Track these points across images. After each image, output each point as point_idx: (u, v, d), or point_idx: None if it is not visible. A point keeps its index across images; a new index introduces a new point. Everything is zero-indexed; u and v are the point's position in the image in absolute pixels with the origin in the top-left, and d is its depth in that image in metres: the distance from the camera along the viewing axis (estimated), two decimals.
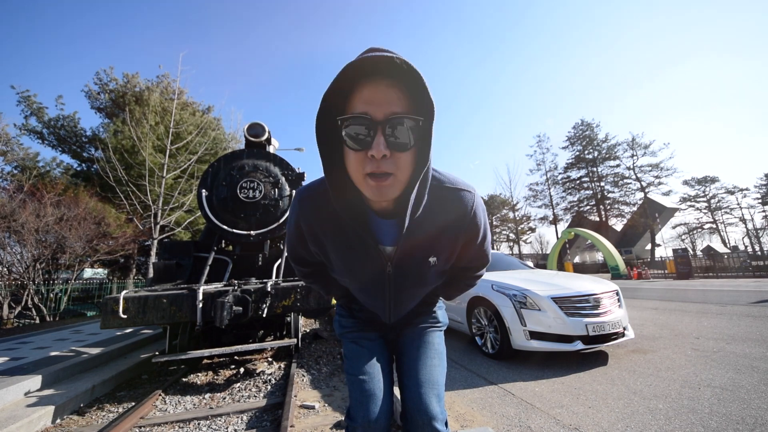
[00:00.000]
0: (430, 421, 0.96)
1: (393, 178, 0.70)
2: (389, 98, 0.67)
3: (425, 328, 1.14)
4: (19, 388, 2.86)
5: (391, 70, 0.67)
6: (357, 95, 0.69)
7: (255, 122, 4.95)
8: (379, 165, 0.68)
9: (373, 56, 0.64)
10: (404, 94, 0.69)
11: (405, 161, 0.71)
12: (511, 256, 5.78)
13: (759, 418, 2.08)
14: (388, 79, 0.68)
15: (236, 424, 2.49)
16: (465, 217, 0.88)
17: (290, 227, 0.99)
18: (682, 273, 15.53)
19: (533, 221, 39.59)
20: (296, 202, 0.92)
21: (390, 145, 0.68)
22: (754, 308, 5.84)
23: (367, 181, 0.71)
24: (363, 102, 0.68)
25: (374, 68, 0.67)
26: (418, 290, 1.03)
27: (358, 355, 1.09)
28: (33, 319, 8.49)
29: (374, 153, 0.67)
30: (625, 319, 3.53)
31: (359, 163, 0.70)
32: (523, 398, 2.59)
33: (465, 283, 1.15)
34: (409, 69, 0.65)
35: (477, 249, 0.98)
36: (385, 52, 0.68)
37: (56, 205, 9.48)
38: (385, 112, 0.67)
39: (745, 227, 39.45)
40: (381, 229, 0.89)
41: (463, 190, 0.87)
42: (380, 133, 0.67)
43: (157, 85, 15.87)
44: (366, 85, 0.68)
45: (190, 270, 4.13)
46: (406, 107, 0.69)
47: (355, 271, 0.97)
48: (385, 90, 0.67)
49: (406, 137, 0.69)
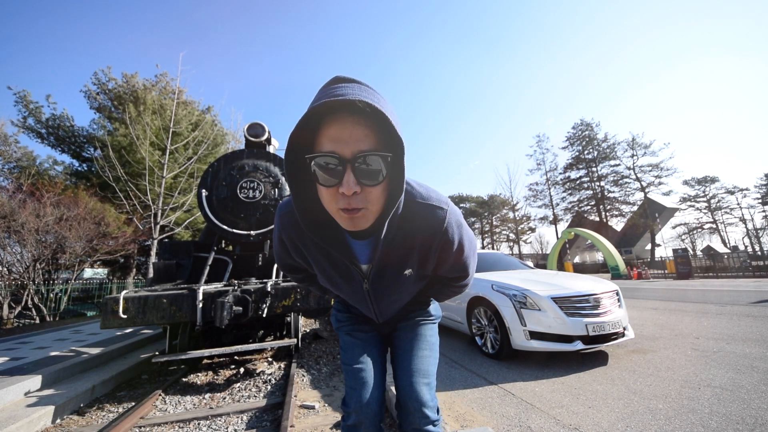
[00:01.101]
0: (420, 407, 1.03)
1: (365, 211, 0.71)
2: (356, 136, 0.67)
3: (418, 322, 1.20)
4: (19, 388, 2.86)
5: (357, 108, 0.66)
6: (324, 132, 0.68)
7: (255, 122, 4.95)
8: (349, 201, 0.69)
9: (336, 100, 0.62)
10: (371, 130, 0.68)
11: (376, 195, 0.71)
12: (511, 256, 5.78)
13: (759, 418, 2.08)
14: (354, 116, 0.67)
15: (236, 424, 2.49)
16: (436, 233, 0.88)
17: (275, 240, 1.02)
18: (682, 273, 15.52)
19: (533, 221, 39.64)
20: (278, 218, 0.94)
21: (360, 181, 0.68)
22: (754, 308, 5.84)
23: (340, 214, 0.72)
24: (330, 140, 0.67)
25: (340, 105, 0.65)
26: (398, 297, 1.07)
27: (352, 347, 1.16)
28: (33, 319, 8.48)
29: (344, 191, 0.67)
30: (625, 319, 3.52)
31: (331, 198, 0.71)
32: (523, 398, 2.59)
33: (450, 290, 1.17)
34: (373, 111, 0.65)
35: (454, 262, 0.98)
36: (350, 84, 0.67)
37: (56, 204, 9.48)
38: (352, 150, 0.66)
39: (745, 227, 39.48)
40: (356, 249, 0.91)
41: (434, 207, 0.87)
42: (349, 170, 0.67)
43: (156, 84, 15.85)
44: (332, 123, 0.67)
45: (190, 270, 4.12)
46: (374, 143, 0.68)
47: (336, 283, 1.02)
48: (351, 128, 0.66)
49: (375, 172, 0.69)
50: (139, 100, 14.06)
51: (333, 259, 0.93)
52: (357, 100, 0.63)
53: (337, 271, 0.96)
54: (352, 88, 0.66)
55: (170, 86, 15.67)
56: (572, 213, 38.34)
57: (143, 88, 15.00)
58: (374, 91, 0.69)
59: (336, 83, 0.69)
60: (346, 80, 0.70)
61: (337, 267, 0.95)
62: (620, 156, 34.94)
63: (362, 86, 0.69)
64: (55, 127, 15.51)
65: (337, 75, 0.71)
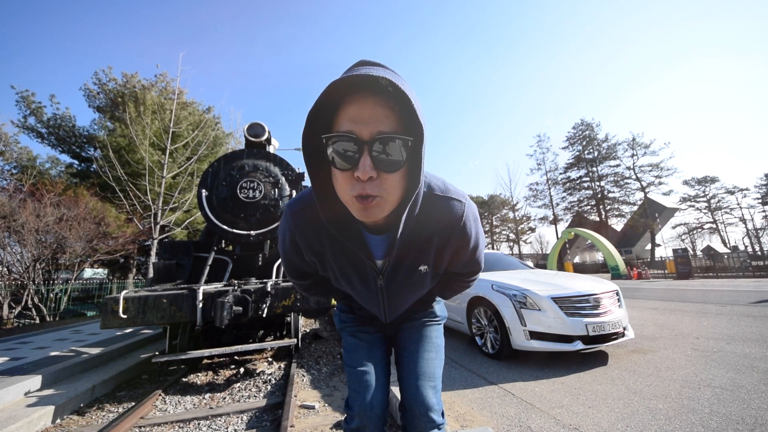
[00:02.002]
0: (426, 411, 1.01)
1: (380, 200, 0.67)
2: (376, 116, 0.63)
3: (423, 323, 1.17)
4: (19, 388, 2.86)
5: (378, 87, 0.63)
6: (343, 112, 0.65)
7: (255, 122, 4.95)
8: (364, 187, 0.65)
9: (359, 75, 0.60)
10: (392, 112, 0.64)
11: (393, 183, 0.67)
12: (511, 256, 5.78)
13: (759, 418, 2.08)
14: (375, 96, 0.63)
15: (236, 424, 2.49)
16: (455, 227, 0.86)
17: (284, 243, 0.96)
18: (682, 273, 15.52)
19: (533, 221, 39.64)
20: (289, 217, 0.89)
21: (377, 166, 0.64)
22: (754, 308, 5.84)
23: (353, 202, 0.68)
24: (349, 120, 0.64)
25: (361, 84, 0.63)
26: (411, 295, 1.04)
27: (356, 348, 1.14)
28: (33, 319, 8.48)
29: (359, 174, 0.63)
30: (625, 319, 3.52)
31: (346, 183, 0.67)
32: (523, 398, 2.59)
33: (459, 285, 1.15)
34: (396, 90, 0.61)
35: (468, 257, 0.97)
36: (374, 67, 0.65)
37: (56, 205, 9.48)
38: (371, 131, 0.63)
39: (745, 227, 39.47)
40: (372, 244, 0.88)
41: (453, 199, 0.84)
42: (366, 153, 0.63)
43: (155, 83, 15.85)
44: (352, 102, 0.64)
45: (190, 270, 4.13)
46: (395, 126, 0.65)
47: (350, 280, 0.98)
48: (372, 107, 0.63)
49: (394, 157, 0.65)
50: (139, 100, 14.06)
51: (348, 254, 0.90)
52: (380, 77, 0.60)
53: (352, 267, 0.93)
54: (376, 69, 0.63)
55: (170, 86, 15.67)
56: (572, 213, 38.34)
57: (143, 87, 15.00)
58: (398, 75, 0.66)
59: (360, 66, 0.66)
60: (371, 63, 0.67)
61: (352, 263, 0.92)
62: (620, 156, 34.98)
63: (387, 69, 0.66)
64: (56, 126, 15.52)
65: (362, 59, 0.69)
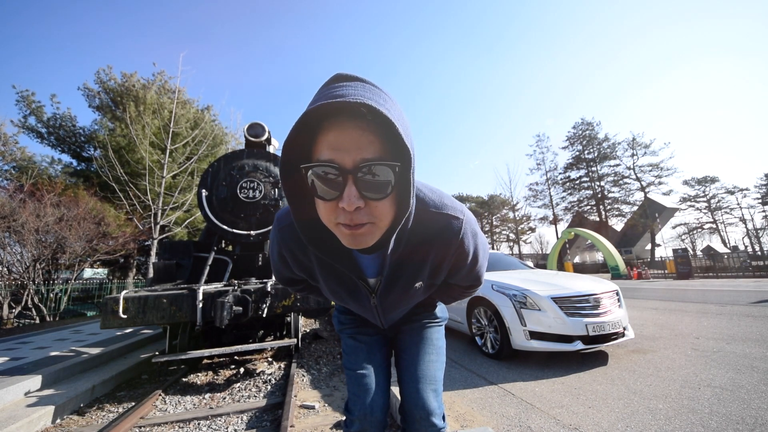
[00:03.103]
0: (427, 415, 0.99)
1: (371, 226, 0.63)
2: (358, 143, 0.57)
3: (424, 324, 1.15)
4: (19, 388, 2.86)
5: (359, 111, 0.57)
6: (322, 138, 0.59)
7: (255, 122, 4.96)
8: (352, 217, 0.60)
9: (335, 102, 0.54)
10: (376, 136, 0.59)
11: (383, 209, 0.62)
12: (511, 256, 5.77)
13: (759, 418, 2.08)
14: (357, 120, 0.58)
15: (236, 424, 2.49)
16: (452, 244, 0.81)
17: (273, 254, 0.94)
18: (682, 273, 15.52)
19: (533, 221, 39.65)
20: (276, 231, 0.86)
21: (363, 194, 0.59)
22: (754, 308, 5.84)
23: (340, 229, 0.63)
24: (329, 147, 0.58)
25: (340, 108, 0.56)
26: (406, 307, 1.03)
27: (355, 350, 1.11)
28: (33, 319, 8.49)
29: (345, 206, 0.58)
30: (625, 319, 3.52)
31: (331, 213, 0.62)
32: (523, 398, 2.59)
33: (460, 294, 1.12)
34: (377, 115, 0.55)
35: (467, 272, 0.94)
36: (352, 83, 0.59)
37: (56, 205, 9.48)
38: (354, 159, 0.57)
39: (745, 227, 39.46)
40: (363, 263, 0.86)
41: (449, 216, 0.79)
42: (351, 182, 0.58)
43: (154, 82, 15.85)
44: (331, 128, 0.58)
45: (190, 270, 4.12)
46: (380, 151, 0.59)
47: (342, 297, 0.96)
48: (353, 133, 0.57)
49: (382, 184, 0.59)
50: (139, 99, 14.06)
51: (338, 274, 0.87)
52: (358, 102, 0.53)
53: (342, 286, 0.91)
54: (354, 87, 0.58)
55: (168, 85, 15.67)
56: (572, 213, 38.35)
57: (142, 86, 14.99)
58: (380, 90, 0.60)
59: (336, 82, 0.61)
60: (348, 78, 0.61)
61: (343, 282, 0.90)
62: (620, 156, 34.99)
63: (366, 85, 0.60)
64: (56, 126, 15.52)
65: (338, 72, 0.62)
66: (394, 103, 0.61)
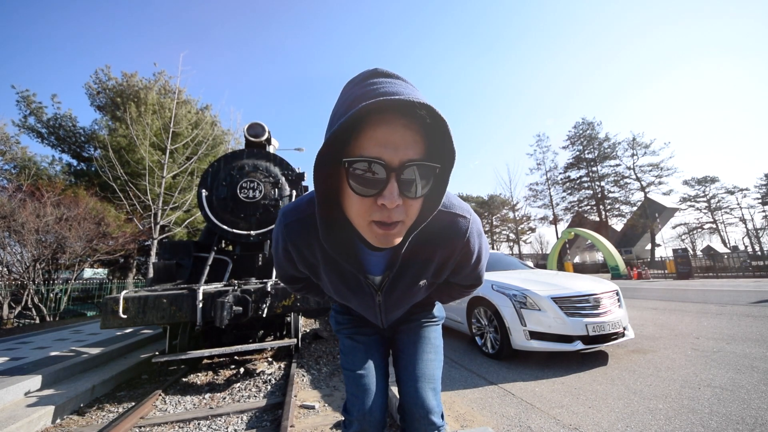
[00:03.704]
0: (426, 414, 1.00)
1: (401, 225, 0.64)
2: (406, 141, 0.58)
3: (422, 324, 1.15)
4: (19, 388, 2.86)
5: (407, 109, 0.57)
6: (368, 134, 0.59)
7: (255, 122, 4.95)
8: (390, 215, 0.61)
9: (394, 99, 0.54)
10: (421, 136, 0.60)
11: (415, 208, 0.65)
12: (511, 256, 5.78)
13: (759, 418, 2.08)
14: (405, 118, 0.58)
15: (236, 424, 2.49)
16: (458, 244, 0.83)
17: (277, 250, 0.93)
18: (682, 273, 15.52)
19: (533, 221, 39.63)
20: (282, 227, 0.86)
21: (402, 193, 0.60)
22: (754, 308, 5.84)
23: (372, 228, 0.64)
24: (375, 144, 0.58)
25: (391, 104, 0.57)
26: (408, 305, 1.04)
27: (353, 350, 1.11)
28: (33, 319, 8.48)
29: (386, 203, 0.59)
30: (625, 319, 3.52)
31: (365, 210, 0.62)
32: (523, 398, 2.59)
33: (459, 293, 1.13)
34: (432, 114, 0.56)
35: (470, 271, 0.96)
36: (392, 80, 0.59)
37: (56, 205, 9.48)
38: (400, 158, 0.58)
39: (745, 227, 39.46)
40: (369, 261, 0.86)
41: (458, 215, 0.81)
42: (394, 180, 0.59)
43: (155, 82, 15.85)
44: (379, 124, 0.58)
45: (190, 270, 4.12)
46: (422, 151, 0.60)
47: (345, 295, 0.96)
48: (402, 132, 0.58)
49: (420, 185, 0.61)
50: (140, 100, 14.06)
51: (343, 272, 0.88)
52: (417, 102, 0.54)
53: (346, 284, 0.91)
54: (400, 85, 0.58)
55: (169, 85, 15.67)
56: (572, 213, 38.34)
57: (143, 87, 15.00)
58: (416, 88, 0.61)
59: (376, 77, 0.60)
60: (388, 75, 0.61)
61: (347, 280, 0.90)
62: (620, 156, 34.98)
63: (407, 84, 0.60)
64: (56, 126, 15.51)
65: (376, 68, 0.63)
66: None
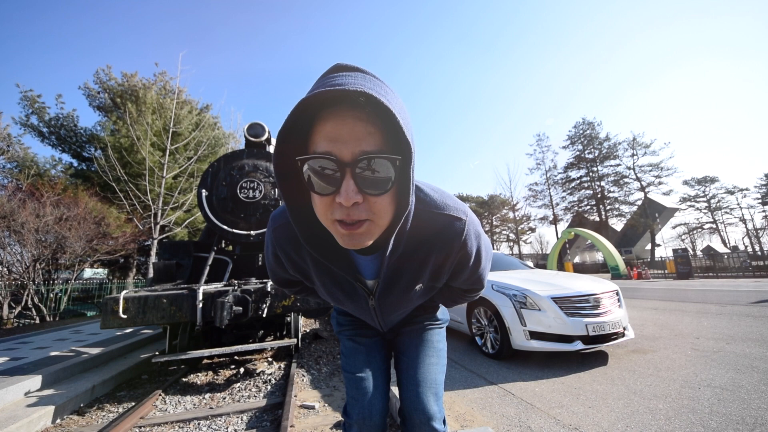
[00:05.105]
0: (428, 420, 0.97)
1: (369, 224, 0.60)
2: (357, 134, 0.54)
3: (425, 326, 1.12)
4: (19, 388, 2.86)
5: (359, 101, 0.54)
6: (318, 129, 0.56)
7: (255, 122, 4.95)
8: (349, 213, 0.57)
9: (333, 90, 0.51)
10: (376, 127, 0.56)
11: (382, 205, 0.59)
12: (511, 256, 5.78)
13: (759, 418, 2.08)
14: (355, 111, 0.55)
15: (236, 424, 2.49)
16: (454, 246, 0.78)
17: (268, 255, 0.91)
18: (682, 273, 15.53)
19: (533, 221, 39.64)
20: (270, 231, 0.83)
21: (362, 189, 0.56)
22: (754, 308, 5.84)
23: (336, 227, 0.60)
24: (326, 138, 0.55)
25: (338, 97, 0.54)
26: (405, 310, 1.01)
27: (354, 352, 1.09)
28: (33, 319, 8.48)
29: (342, 201, 0.55)
30: (625, 319, 3.52)
31: (326, 209, 0.59)
32: (523, 398, 2.59)
33: (461, 298, 1.09)
34: (377, 105, 0.53)
35: (469, 275, 0.90)
36: (352, 73, 0.56)
37: (56, 204, 9.48)
38: (353, 152, 0.54)
39: (745, 227, 39.49)
40: (360, 264, 0.83)
41: (452, 216, 0.76)
42: (349, 176, 0.55)
43: (154, 83, 15.85)
44: (328, 118, 0.55)
45: (190, 270, 4.13)
46: (380, 143, 0.56)
47: (339, 299, 0.94)
48: (353, 124, 0.54)
49: (382, 180, 0.56)
50: (140, 99, 14.06)
51: (334, 276, 0.85)
52: (356, 90, 0.50)
53: (339, 288, 0.88)
54: (354, 77, 0.54)
55: (169, 85, 15.68)
56: (572, 213, 38.35)
57: (143, 87, 15.00)
58: (380, 82, 0.57)
59: (335, 72, 0.58)
60: (348, 68, 0.58)
61: (340, 284, 0.87)
62: (621, 155, 34.98)
63: (366, 75, 0.57)
64: (57, 126, 15.50)
65: (338, 62, 0.60)
66: (395, 95, 0.58)
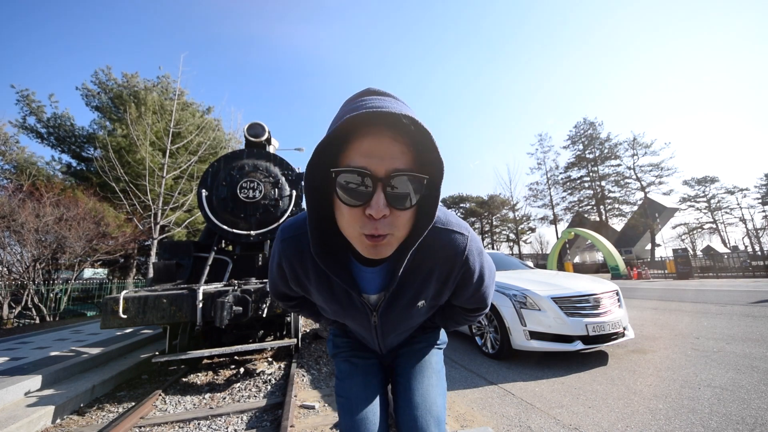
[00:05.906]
0: None
1: (390, 237, 0.64)
2: (392, 152, 0.60)
3: (423, 348, 1.10)
4: (19, 388, 2.86)
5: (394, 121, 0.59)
6: (355, 145, 0.61)
7: (255, 122, 4.95)
8: (377, 226, 0.61)
9: (379, 111, 0.56)
10: (408, 148, 0.62)
11: (404, 220, 0.64)
12: (511, 256, 5.78)
13: (759, 418, 2.08)
14: (391, 131, 0.60)
15: (236, 424, 2.49)
16: (457, 261, 0.81)
17: (272, 267, 0.93)
18: (682, 273, 15.54)
19: (533, 221, 39.62)
20: (278, 242, 0.86)
21: (390, 203, 0.61)
22: (754, 308, 5.84)
23: (362, 240, 0.64)
24: (362, 154, 0.60)
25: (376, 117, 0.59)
26: (407, 328, 1.00)
27: (350, 375, 1.04)
28: (33, 319, 8.48)
29: (373, 213, 0.60)
30: (625, 319, 3.53)
31: (354, 220, 0.63)
32: (523, 398, 2.59)
33: (464, 319, 1.06)
34: (416, 127, 0.59)
35: (472, 292, 0.90)
36: (383, 97, 0.62)
37: (55, 204, 9.48)
38: (386, 168, 0.59)
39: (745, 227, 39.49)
40: (364, 278, 0.83)
41: (455, 232, 0.79)
42: (380, 190, 0.60)
43: (157, 85, 15.86)
44: (366, 135, 0.60)
45: (190, 270, 4.12)
46: (410, 162, 0.62)
47: (339, 313, 0.93)
48: (389, 143, 0.60)
49: (408, 195, 0.62)
50: (141, 101, 14.06)
51: (336, 292, 0.86)
52: (401, 114, 0.56)
53: (339, 302, 0.88)
54: (388, 101, 0.61)
55: (171, 87, 15.68)
56: (572, 213, 38.34)
57: (144, 88, 14.99)
58: (407, 105, 0.63)
59: (369, 95, 0.63)
60: (380, 93, 0.64)
61: (340, 300, 0.87)
62: (621, 155, 34.97)
63: (397, 100, 0.63)
64: (56, 126, 15.49)
65: (369, 87, 0.66)
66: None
